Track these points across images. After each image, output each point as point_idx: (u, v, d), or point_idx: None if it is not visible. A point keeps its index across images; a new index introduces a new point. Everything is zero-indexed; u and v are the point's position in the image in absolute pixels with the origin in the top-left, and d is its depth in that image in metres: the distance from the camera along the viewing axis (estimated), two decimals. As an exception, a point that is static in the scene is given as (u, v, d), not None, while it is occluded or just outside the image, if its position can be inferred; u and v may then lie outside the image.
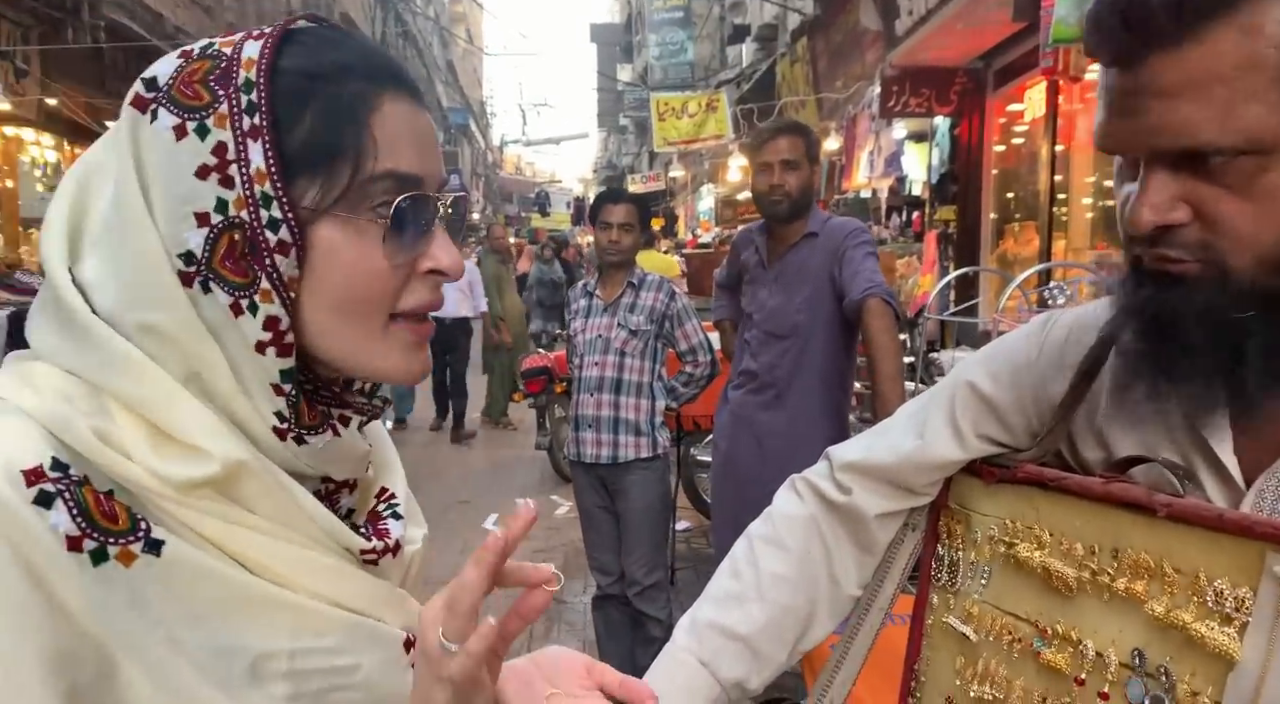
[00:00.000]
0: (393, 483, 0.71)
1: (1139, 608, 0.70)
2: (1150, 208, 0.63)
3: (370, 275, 0.58)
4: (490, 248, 9.16)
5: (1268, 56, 0.58)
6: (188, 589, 0.53)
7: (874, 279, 2.43)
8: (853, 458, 0.99)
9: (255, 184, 0.55)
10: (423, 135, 0.61)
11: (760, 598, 0.99)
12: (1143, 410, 0.77)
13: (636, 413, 2.99)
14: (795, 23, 11.00)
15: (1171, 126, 0.61)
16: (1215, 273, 0.63)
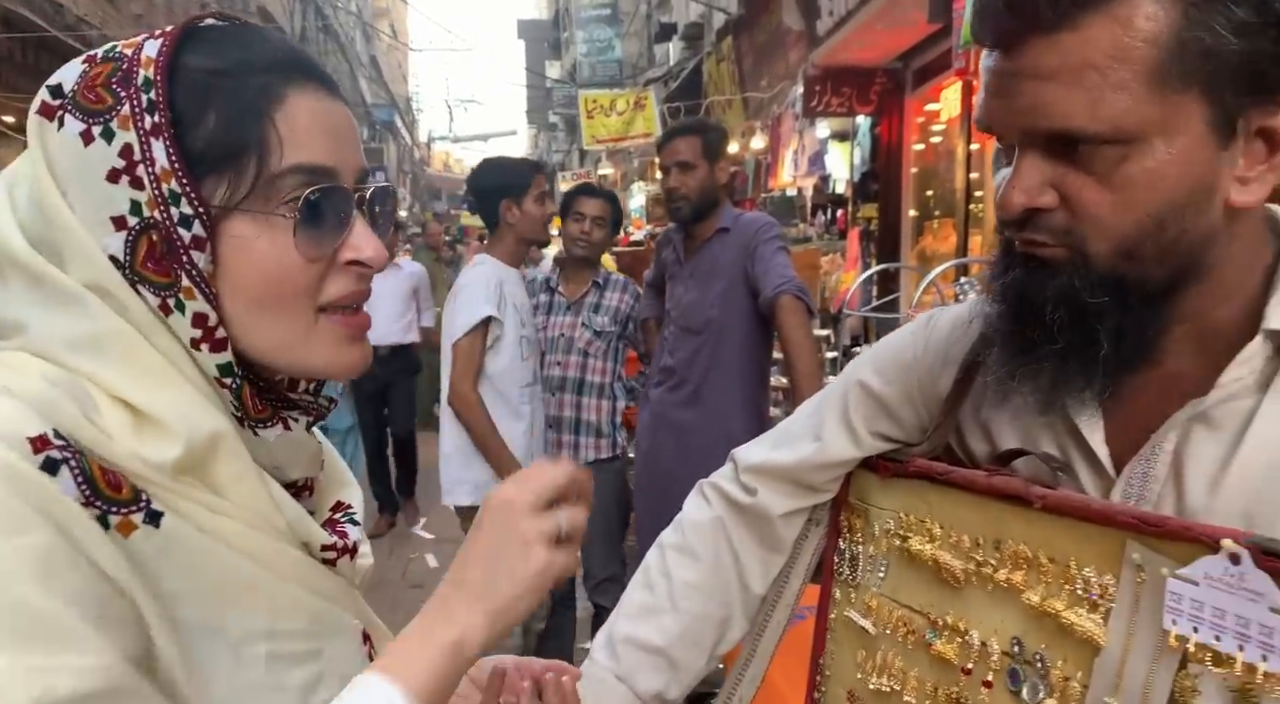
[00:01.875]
0: (348, 497, 0.73)
1: (1017, 598, 0.73)
2: (1021, 191, 0.66)
3: (285, 269, 0.59)
4: (427, 245, 9.03)
5: (1136, 49, 0.61)
6: (181, 564, 0.54)
7: (785, 275, 2.47)
8: (756, 460, 1.01)
9: (162, 182, 0.55)
10: (335, 126, 0.61)
11: (674, 608, 1.00)
12: (1017, 398, 0.80)
13: (598, 414, 2.98)
14: (720, 22, 11.10)
15: (1044, 108, 0.63)
16: (1077, 257, 0.66)
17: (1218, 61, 0.60)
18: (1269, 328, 0.65)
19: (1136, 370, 0.70)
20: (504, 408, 2.66)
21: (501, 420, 2.64)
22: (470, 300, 2.63)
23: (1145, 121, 0.62)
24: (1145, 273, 0.66)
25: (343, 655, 0.63)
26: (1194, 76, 0.61)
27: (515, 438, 2.66)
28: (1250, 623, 0.53)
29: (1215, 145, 0.63)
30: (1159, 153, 0.62)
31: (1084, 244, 0.65)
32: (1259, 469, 0.64)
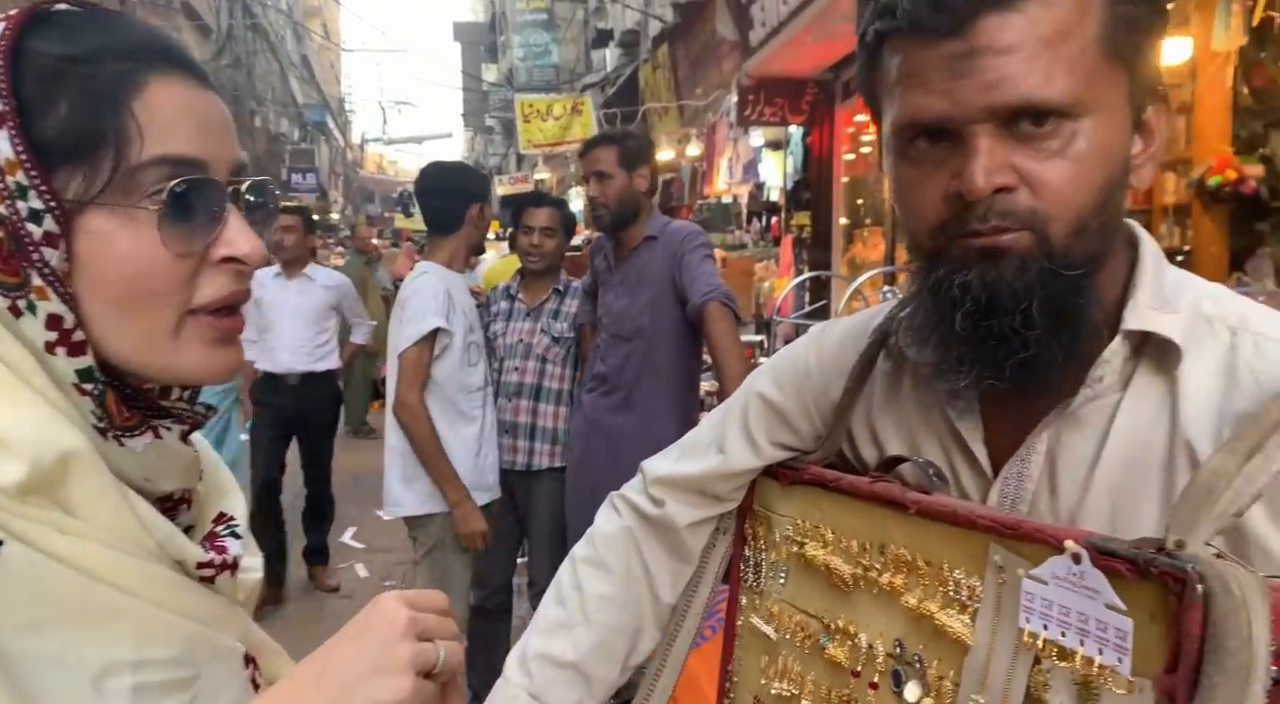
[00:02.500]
0: (231, 507, 0.69)
1: (898, 601, 0.76)
2: (983, 172, 0.64)
3: (150, 267, 0.55)
4: (356, 248, 8.89)
5: (1079, 22, 0.64)
6: (30, 595, 0.50)
7: (712, 283, 2.52)
8: (663, 472, 1.03)
9: (7, 175, 0.52)
10: (204, 117, 0.59)
11: (586, 621, 1.02)
12: (907, 407, 0.84)
13: (555, 421, 2.98)
14: (656, 29, 11.18)
15: (1009, 82, 0.63)
16: (1041, 241, 0.65)
17: (1139, 37, 0.65)
18: (1126, 328, 0.68)
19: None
20: (453, 412, 2.69)
21: (453, 425, 2.67)
22: (418, 312, 2.62)
23: (1095, 93, 0.64)
24: (1092, 252, 0.67)
25: (220, 681, 0.60)
26: (1123, 51, 0.65)
27: (467, 440, 2.70)
28: (1089, 619, 0.57)
29: (1132, 122, 0.67)
30: (1102, 125, 0.65)
31: (1046, 225, 0.65)
32: (1120, 465, 0.68)
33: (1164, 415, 0.67)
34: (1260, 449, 0.57)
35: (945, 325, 0.69)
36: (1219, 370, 0.66)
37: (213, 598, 0.61)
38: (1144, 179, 0.69)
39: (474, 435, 2.72)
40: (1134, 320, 0.68)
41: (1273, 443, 0.57)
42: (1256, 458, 0.57)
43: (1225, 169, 4.68)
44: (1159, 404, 0.68)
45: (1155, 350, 0.68)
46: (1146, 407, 0.68)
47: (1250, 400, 0.63)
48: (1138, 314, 0.68)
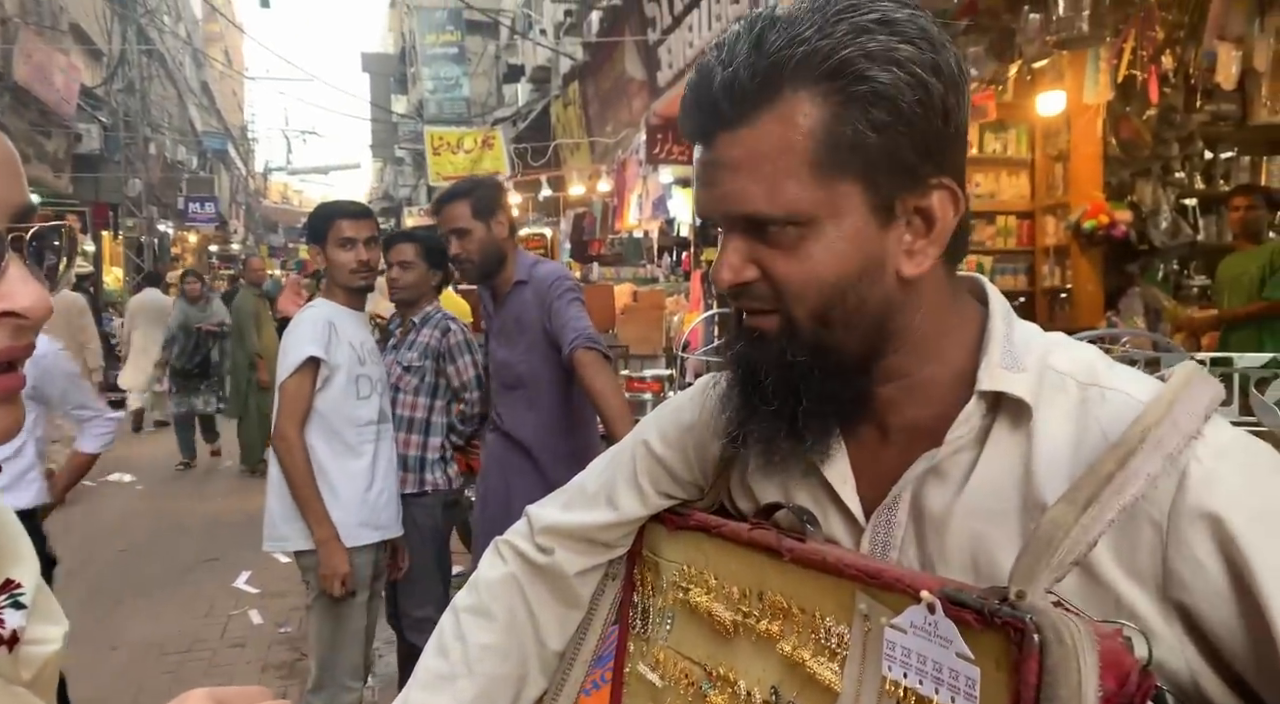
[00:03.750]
0: (19, 574, 0.63)
1: (774, 648, 0.78)
2: (728, 267, 0.74)
3: None
4: (248, 281, 8.65)
5: (798, 142, 0.69)
6: None
7: (578, 328, 2.52)
8: (550, 521, 1.02)
9: None
10: None
11: (470, 672, 0.99)
12: (782, 461, 0.86)
13: (406, 448, 2.96)
14: (567, 67, 11.30)
15: (733, 196, 0.72)
16: (785, 323, 0.74)
17: (865, 153, 0.69)
18: (980, 389, 0.73)
19: (854, 421, 0.78)
20: (338, 445, 2.64)
21: (338, 458, 2.62)
22: (297, 341, 2.61)
23: (814, 205, 0.70)
24: (839, 338, 0.74)
25: None
26: (849, 166, 0.69)
27: (354, 475, 2.64)
28: (943, 667, 0.59)
29: (877, 224, 0.72)
30: (830, 231, 0.71)
31: (789, 309, 0.73)
32: (978, 515, 0.71)
33: (1018, 468, 0.71)
34: (1096, 499, 0.60)
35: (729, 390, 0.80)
36: (1069, 422, 0.70)
37: None
38: (921, 265, 0.74)
39: (363, 470, 2.66)
40: (987, 381, 0.73)
41: (1107, 492, 0.61)
42: (1092, 508, 0.60)
43: (1099, 214, 5.00)
44: (1014, 458, 0.71)
45: (1009, 407, 0.73)
46: (1003, 460, 0.72)
47: (1096, 451, 0.67)
48: (990, 374, 0.73)
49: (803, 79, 0.68)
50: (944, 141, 0.71)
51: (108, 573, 4.83)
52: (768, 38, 0.69)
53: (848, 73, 0.67)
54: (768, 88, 0.69)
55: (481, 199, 2.68)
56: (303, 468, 2.54)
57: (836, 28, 0.68)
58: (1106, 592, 0.64)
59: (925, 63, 0.68)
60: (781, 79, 0.69)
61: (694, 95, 0.73)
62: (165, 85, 19.93)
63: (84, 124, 14.60)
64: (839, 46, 0.67)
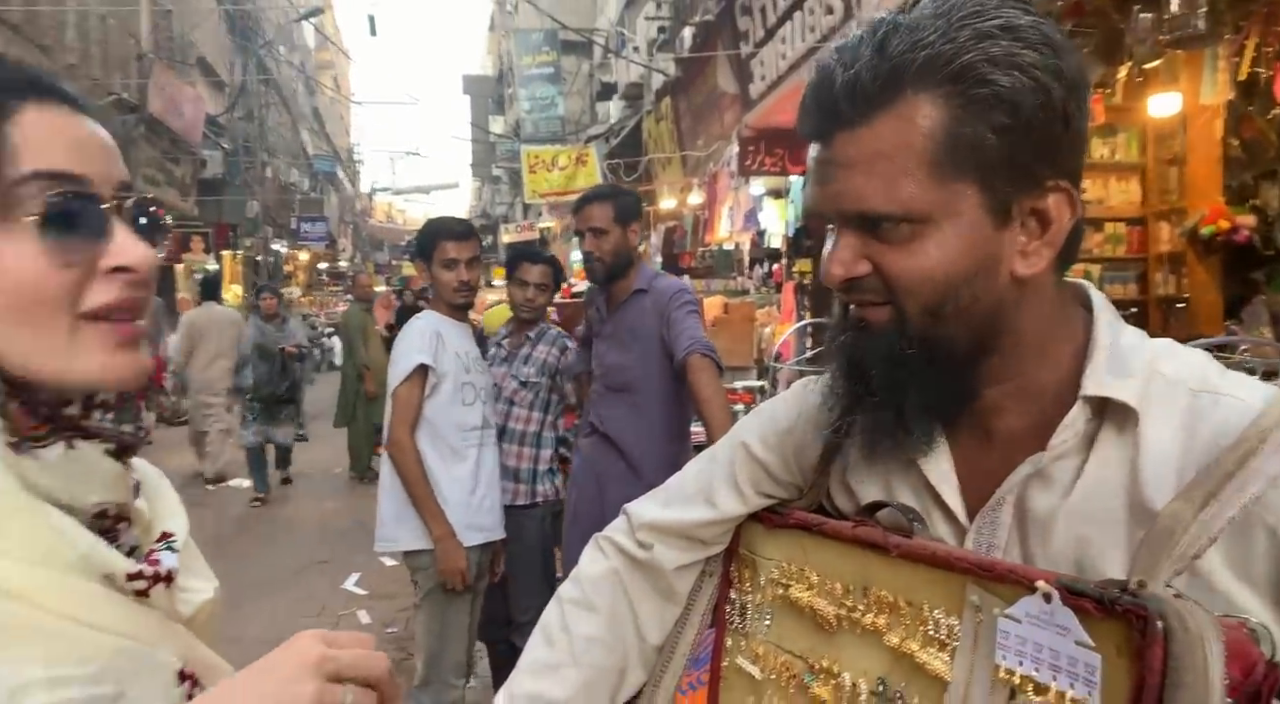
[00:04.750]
0: (172, 527, 0.70)
1: (881, 640, 0.78)
2: (838, 263, 0.75)
3: (34, 276, 0.57)
4: (356, 296, 8.98)
5: (917, 142, 0.70)
6: None
7: (694, 337, 2.60)
8: (650, 518, 1.05)
9: None
10: (83, 139, 0.61)
11: (575, 662, 1.03)
12: (884, 460, 0.86)
13: (518, 460, 3.06)
14: (659, 83, 11.42)
15: (849, 193, 0.73)
16: (896, 315, 0.75)
17: (985, 155, 0.70)
18: (1085, 394, 0.72)
19: (958, 423, 0.78)
20: (445, 449, 2.74)
21: (443, 461, 2.72)
22: (406, 351, 2.73)
23: (930, 204, 0.71)
24: (950, 334, 0.74)
25: (148, 697, 0.58)
26: (967, 167, 0.70)
27: (460, 478, 2.74)
28: (1060, 655, 0.58)
29: (993, 224, 0.72)
30: (945, 230, 0.71)
31: (901, 303, 0.74)
32: (1083, 519, 0.70)
33: (1125, 473, 0.70)
34: (1215, 497, 0.59)
35: (833, 381, 0.81)
36: (1178, 428, 0.69)
37: (145, 612, 0.60)
38: (1035, 265, 0.74)
39: (467, 473, 2.75)
40: (1092, 386, 0.72)
41: (1227, 490, 0.59)
42: (1212, 504, 0.59)
43: (1218, 219, 4.74)
44: (1121, 463, 0.71)
45: (1115, 413, 0.72)
46: (1109, 466, 0.71)
47: (1206, 455, 0.66)
48: (1095, 380, 0.73)
49: (924, 82, 0.70)
50: (1062, 145, 0.72)
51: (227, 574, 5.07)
52: (891, 42, 0.70)
53: (970, 76, 0.68)
54: (889, 89, 0.70)
55: (624, 205, 2.80)
56: (416, 470, 2.65)
57: (960, 33, 0.69)
58: (1217, 597, 0.63)
59: (1047, 67, 0.69)
60: (903, 82, 0.70)
61: (814, 95, 0.74)
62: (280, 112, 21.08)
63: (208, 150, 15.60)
64: (962, 51, 0.68)
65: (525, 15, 18.41)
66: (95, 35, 11.58)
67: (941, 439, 0.81)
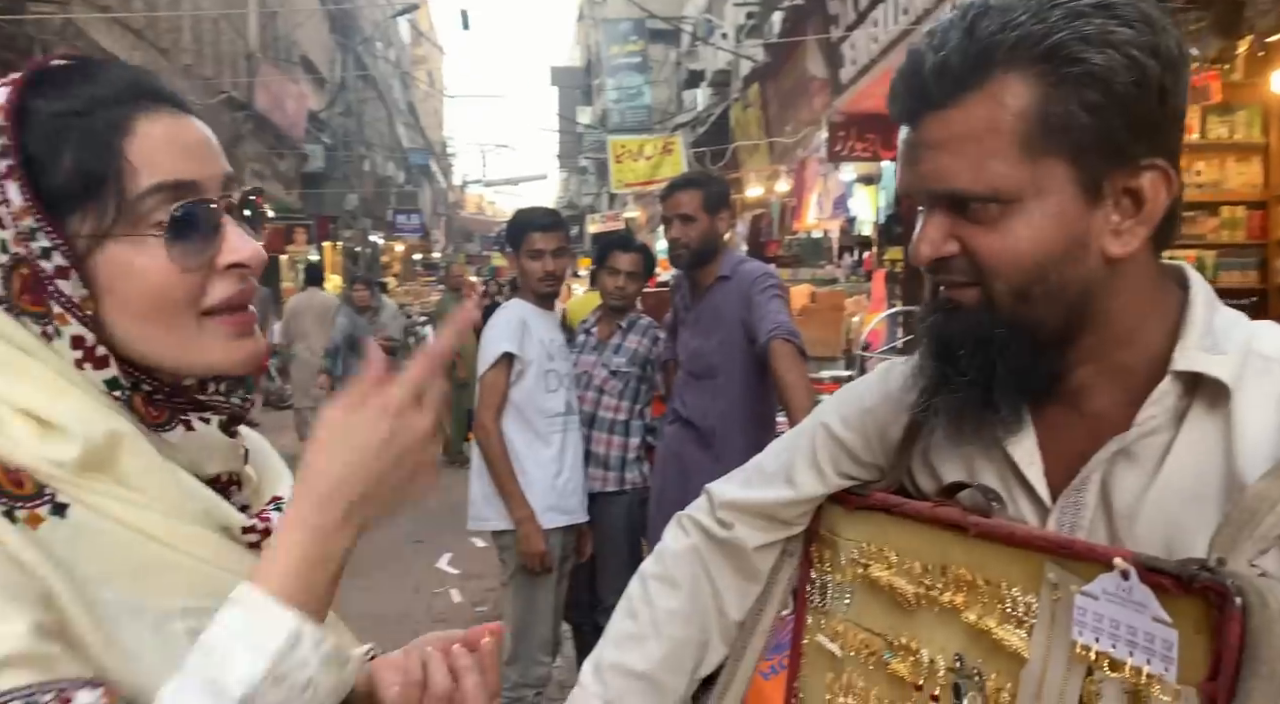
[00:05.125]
0: (281, 491, 0.78)
1: (959, 618, 0.79)
2: (927, 243, 0.76)
3: (164, 284, 0.63)
4: (449, 286, 9.26)
5: (1007, 122, 0.70)
6: (93, 550, 0.58)
7: (777, 321, 2.57)
8: (731, 497, 1.08)
9: (20, 220, 0.60)
10: (190, 142, 0.66)
11: (657, 635, 1.06)
12: (966, 441, 0.86)
13: (607, 448, 3.11)
14: (747, 69, 11.32)
15: (937, 173, 0.73)
16: (984, 297, 0.75)
17: (1076, 133, 0.69)
18: (1175, 370, 0.71)
19: (1044, 403, 0.78)
20: (530, 434, 2.83)
21: (530, 446, 2.82)
22: (493, 339, 2.83)
23: (1020, 183, 0.71)
24: (1040, 315, 0.74)
25: None
26: (1057, 145, 0.70)
27: (544, 462, 2.83)
28: (1138, 631, 0.58)
29: (1084, 203, 0.71)
30: (1034, 209, 0.71)
31: (989, 283, 0.74)
32: (1174, 498, 0.70)
33: (1218, 451, 0.69)
34: None
35: (921, 361, 0.82)
36: (1274, 407, 0.68)
37: (256, 561, 0.66)
38: (1128, 245, 0.73)
39: (552, 457, 2.83)
40: (1182, 361, 0.72)
41: None
42: None
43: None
44: (1214, 440, 0.70)
45: (1207, 390, 0.71)
46: (1201, 443, 0.70)
47: None
48: (1186, 356, 0.72)
49: (1014, 62, 0.70)
50: (1158, 123, 0.71)
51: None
52: (980, 23, 0.71)
53: (1061, 55, 0.68)
54: (978, 71, 0.71)
55: (713, 193, 2.82)
56: (500, 454, 2.75)
57: (1051, 13, 0.69)
58: None
59: (1143, 44, 0.68)
60: (993, 62, 0.70)
61: (904, 79, 0.75)
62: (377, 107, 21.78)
63: (310, 145, 16.25)
64: (1053, 30, 0.68)
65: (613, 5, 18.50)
66: (208, 37, 12.21)
67: (1028, 419, 0.81)
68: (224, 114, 11.62)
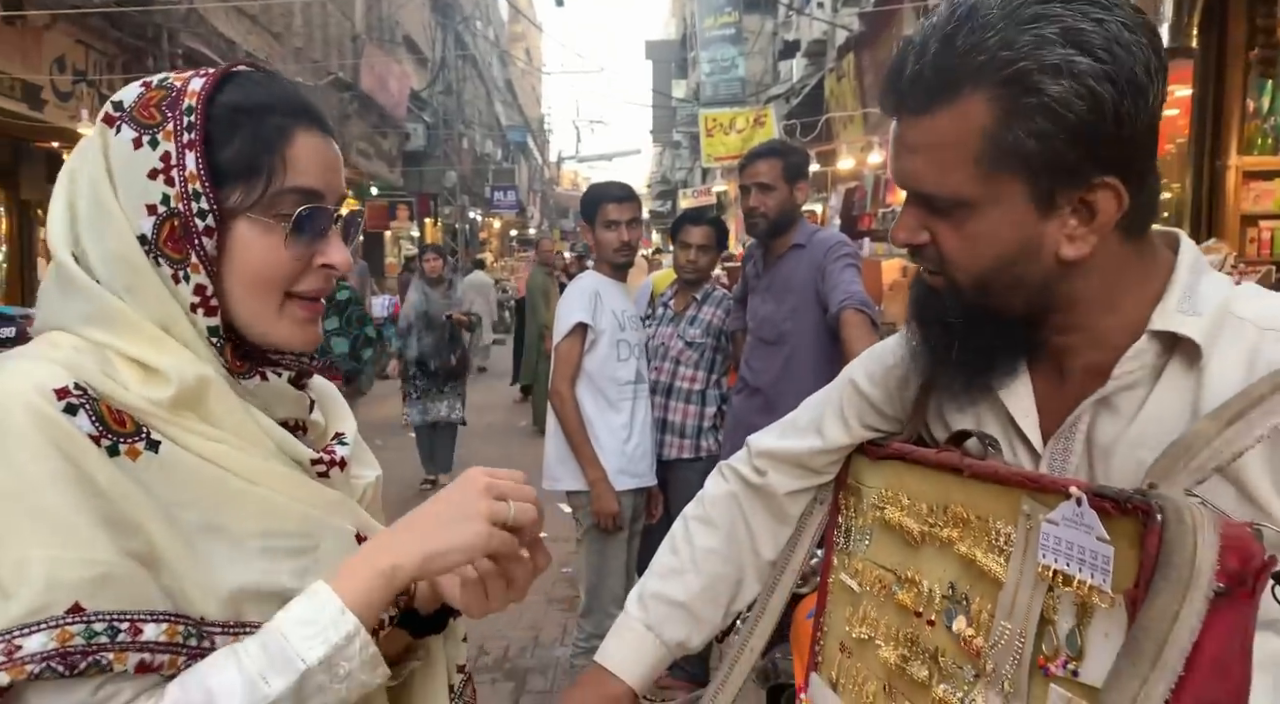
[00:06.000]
0: (345, 428, 0.91)
1: (953, 550, 0.86)
2: (904, 229, 0.85)
3: (274, 264, 0.76)
4: (539, 260, 9.46)
5: (967, 138, 0.76)
6: (179, 480, 0.70)
7: (850, 291, 2.57)
8: (766, 446, 1.17)
9: (189, 183, 0.72)
10: (327, 162, 0.80)
11: (695, 569, 1.17)
12: (974, 396, 0.93)
13: (683, 417, 3.22)
14: (843, 39, 11.10)
15: (910, 173, 0.81)
16: (949, 285, 0.83)
17: (1025, 156, 0.74)
18: (1151, 329, 0.77)
19: (1037, 361, 0.86)
20: (602, 401, 2.96)
21: (602, 412, 2.95)
22: (568, 310, 2.96)
23: (977, 192, 0.77)
24: (1000, 303, 0.82)
25: (337, 550, 0.77)
26: (1009, 164, 0.75)
27: (615, 428, 2.96)
28: (1085, 550, 0.65)
29: (1037, 213, 0.77)
30: (991, 215, 0.78)
31: (953, 275, 0.83)
32: (1145, 445, 0.75)
33: (1186, 405, 0.75)
34: (1242, 416, 0.64)
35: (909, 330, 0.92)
36: (1241, 364, 0.73)
37: (327, 490, 0.80)
38: (1081, 249, 0.78)
39: (622, 424, 2.95)
40: (1159, 322, 0.77)
41: (1257, 412, 0.64)
42: (1238, 424, 0.64)
43: None
44: (1183, 395, 0.75)
45: (1184, 350, 0.76)
46: (1172, 397, 0.76)
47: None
48: (1164, 317, 0.77)
49: (980, 84, 0.75)
50: (1114, 144, 0.74)
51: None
52: (957, 37, 0.76)
53: (1020, 84, 0.73)
54: (947, 88, 0.77)
55: (792, 163, 2.85)
56: (574, 418, 2.88)
57: (1020, 37, 0.73)
58: (1259, 509, 0.67)
59: (1101, 74, 0.71)
60: (961, 81, 0.76)
61: (889, 78, 0.82)
62: (476, 85, 22.25)
63: (411, 124, 16.75)
64: (1017, 58, 0.73)
65: (708, -23, 18.30)
66: (317, 20, 12.74)
67: (1024, 374, 0.87)
68: (331, 95, 12.15)
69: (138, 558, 0.66)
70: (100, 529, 0.64)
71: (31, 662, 0.59)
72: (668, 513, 3.27)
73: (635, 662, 1.15)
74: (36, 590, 0.61)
